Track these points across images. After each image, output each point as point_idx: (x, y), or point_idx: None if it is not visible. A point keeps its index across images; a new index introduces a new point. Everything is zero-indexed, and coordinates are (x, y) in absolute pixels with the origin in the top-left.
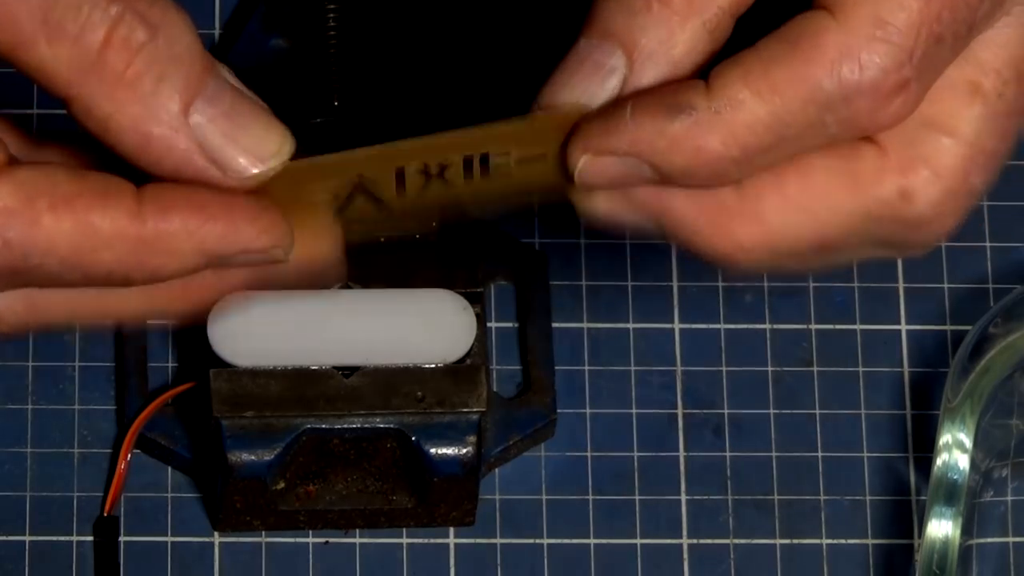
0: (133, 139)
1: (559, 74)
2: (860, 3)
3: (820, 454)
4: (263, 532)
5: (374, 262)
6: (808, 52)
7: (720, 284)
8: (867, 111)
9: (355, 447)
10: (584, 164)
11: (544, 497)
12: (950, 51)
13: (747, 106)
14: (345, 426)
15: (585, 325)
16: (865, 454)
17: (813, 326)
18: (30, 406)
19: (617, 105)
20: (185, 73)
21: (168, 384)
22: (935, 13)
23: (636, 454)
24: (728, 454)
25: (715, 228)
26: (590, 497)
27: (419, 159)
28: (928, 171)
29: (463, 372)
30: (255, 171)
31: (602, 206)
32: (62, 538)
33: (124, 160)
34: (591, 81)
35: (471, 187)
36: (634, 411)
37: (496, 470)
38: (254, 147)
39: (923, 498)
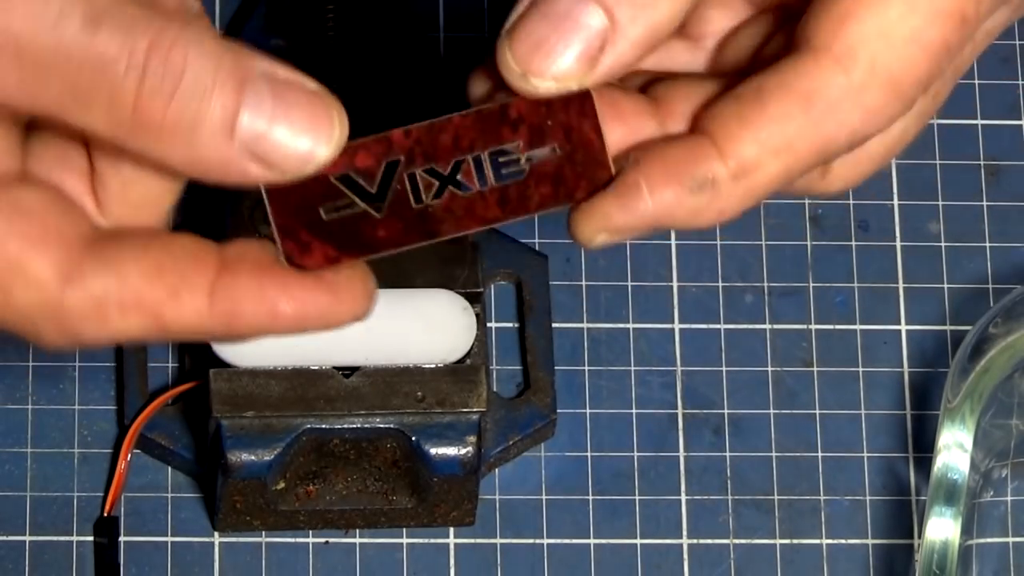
0: (191, 171)
1: (533, 28)
2: (858, 48)
3: (820, 454)
4: (263, 532)
5: (374, 262)
6: (821, 111)
7: (720, 284)
8: (867, 138)
9: (355, 447)
10: (600, 241)
11: (544, 497)
12: (952, 73)
13: (765, 168)
14: (345, 426)
15: (585, 325)
16: (865, 454)
17: (813, 326)
18: (30, 406)
19: (628, 180)
20: (221, 97)
21: (168, 384)
22: (936, 55)
23: (636, 454)
24: (728, 454)
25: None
26: (590, 497)
27: (418, 155)
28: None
29: (463, 372)
30: (315, 161)
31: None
32: (62, 538)
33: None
34: (573, 47)
35: (489, 200)
36: (634, 411)
37: (496, 470)
38: (307, 139)
39: (923, 498)
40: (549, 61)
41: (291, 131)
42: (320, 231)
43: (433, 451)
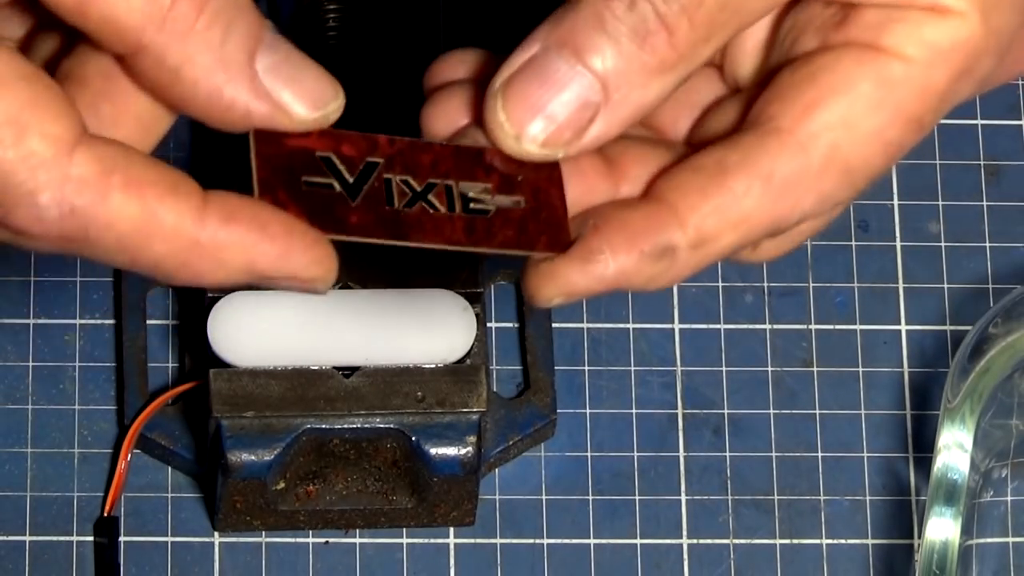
0: (204, 88)
1: (528, 91)
2: (821, 135)
3: (820, 454)
4: (263, 532)
5: (374, 262)
6: (779, 190)
7: (720, 284)
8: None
9: (355, 447)
10: (557, 302)
11: (544, 497)
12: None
13: (722, 240)
14: (345, 426)
15: (585, 325)
16: (865, 454)
17: (813, 326)
18: (30, 406)
19: (591, 245)
20: (248, 23)
21: (168, 384)
22: (892, 154)
23: (636, 454)
24: (728, 454)
25: None
26: (590, 497)
27: (398, 165)
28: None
29: (463, 372)
30: (317, 114)
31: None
32: (62, 538)
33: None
34: (568, 116)
35: (456, 225)
36: (634, 411)
37: (496, 470)
38: (313, 92)
39: (923, 498)
40: (542, 127)
41: (303, 78)
42: (297, 196)
43: (433, 451)
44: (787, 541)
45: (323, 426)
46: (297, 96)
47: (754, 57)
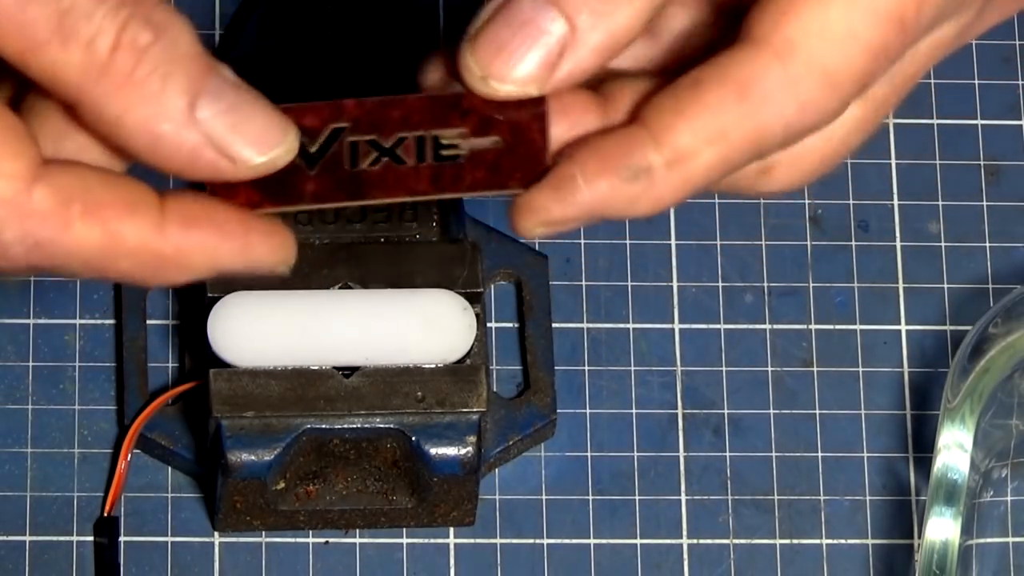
0: (144, 138)
1: (496, 33)
2: (796, 41)
3: (820, 454)
4: (263, 532)
5: (374, 262)
6: (756, 101)
7: (720, 284)
8: (803, 134)
9: (355, 447)
10: (540, 232)
11: (544, 497)
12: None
13: (700, 156)
14: (345, 426)
15: (585, 325)
16: (865, 454)
17: (813, 326)
18: (30, 406)
19: (564, 172)
20: (188, 72)
21: (168, 384)
22: (874, 54)
23: (636, 454)
24: (728, 454)
25: None
26: (590, 497)
27: (365, 125)
28: None
29: (463, 372)
30: (263, 159)
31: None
32: (62, 538)
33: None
34: (533, 52)
35: (422, 175)
36: (634, 411)
37: (496, 470)
38: (260, 137)
39: (923, 498)
40: (510, 66)
41: (248, 124)
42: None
43: (433, 451)
44: (787, 541)
45: (323, 426)
46: (241, 144)
47: None
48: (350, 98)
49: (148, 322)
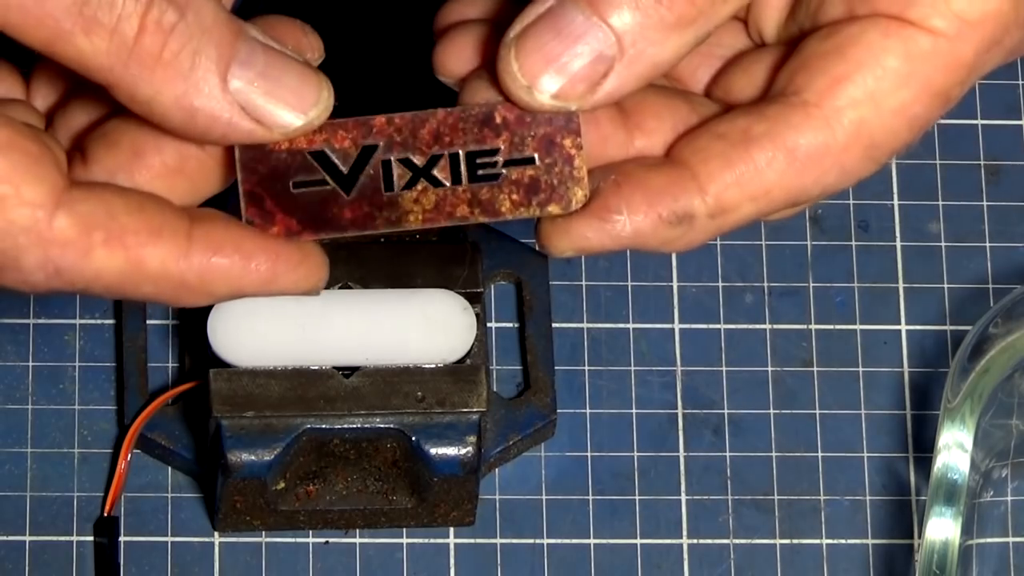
0: (179, 115)
1: (543, 42)
2: (847, 110)
3: (820, 454)
4: (263, 532)
5: (374, 262)
6: (803, 165)
7: (720, 284)
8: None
9: (355, 447)
10: (570, 254)
11: (544, 497)
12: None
13: (741, 211)
14: (345, 426)
15: (585, 325)
16: (865, 454)
17: (813, 326)
18: (30, 406)
19: (609, 203)
20: (217, 43)
21: (168, 384)
22: (918, 130)
23: (636, 454)
24: (728, 454)
25: None
26: (590, 497)
27: (397, 143)
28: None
29: (463, 372)
30: (300, 123)
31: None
32: (62, 538)
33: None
34: (581, 68)
35: (460, 198)
36: (634, 411)
37: (496, 470)
38: (294, 100)
39: (923, 498)
40: (555, 79)
41: (282, 88)
42: (286, 203)
43: (433, 451)
44: (787, 541)
45: (323, 426)
46: (276, 109)
47: (780, 12)
48: (379, 115)
49: (148, 322)
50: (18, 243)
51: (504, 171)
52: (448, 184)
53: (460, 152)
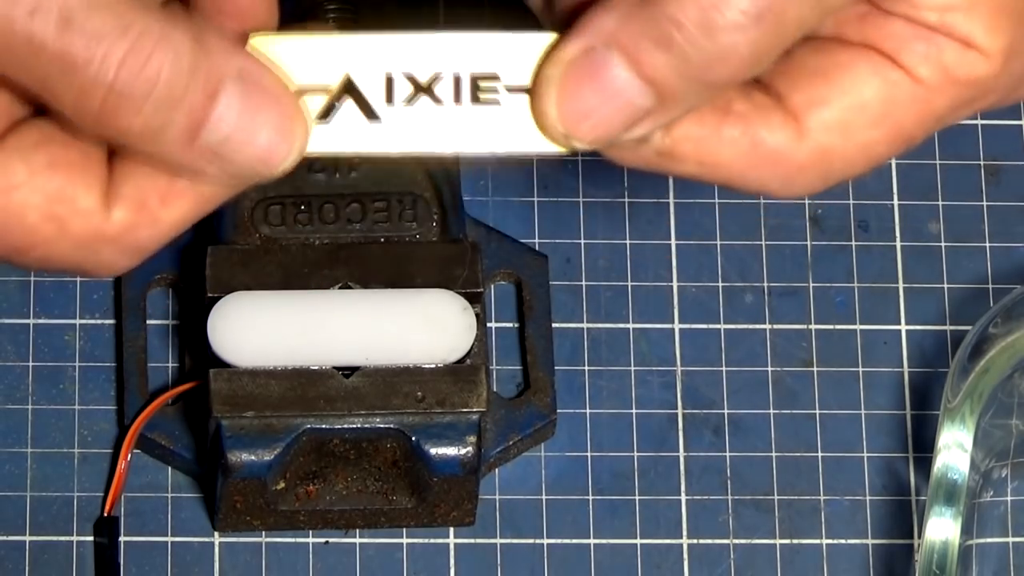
0: (151, 163)
1: (582, 95)
2: (817, 133)
3: (820, 454)
4: (263, 532)
5: (374, 262)
6: (759, 159)
7: (720, 284)
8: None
9: (355, 447)
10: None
11: (544, 497)
12: None
13: (685, 167)
14: (345, 426)
15: (585, 325)
16: (865, 454)
17: (813, 326)
18: (30, 406)
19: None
20: (191, 106)
21: (168, 384)
22: (874, 166)
23: (636, 454)
24: (728, 454)
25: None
26: (590, 497)
27: (407, 60)
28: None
29: (463, 372)
30: (283, 164)
31: (626, 161)
32: (62, 538)
33: None
34: (619, 122)
35: (458, 116)
36: (634, 411)
37: (496, 470)
38: (273, 143)
39: (923, 498)
40: (592, 131)
41: (254, 138)
42: None
43: (433, 451)
44: (787, 541)
45: (323, 426)
46: (246, 160)
47: None
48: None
49: (148, 322)
50: (92, 249)
51: (504, 99)
52: (450, 103)
53: (461, 76)
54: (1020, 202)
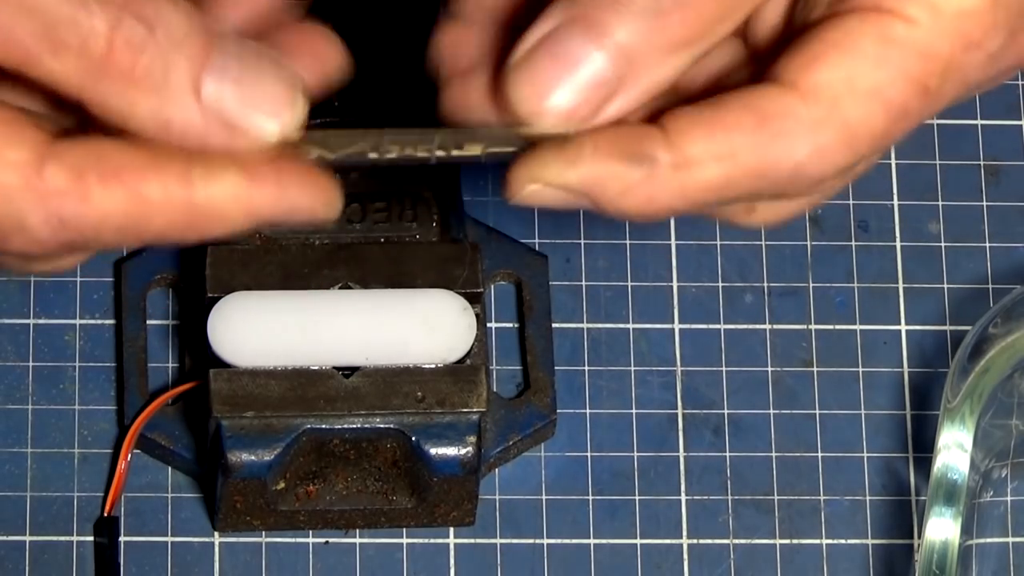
0: (154, 127)
1: (544, 72)
2: (822, 88)
3: (820, 454)
4: (263, 532)
5: (374, 262)
6: (773, 133)
7: (720, 284)
8: (811, 185)
9: (355, 447)
10: (530, 192)
11: (544, 497)
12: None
13: (704, 169)
14: (345, 426)
15: (585, 325)
16: (865, 454)
17: (813, 326)
18: (30, 406)
19: (573, 141)
20: (188, 55)
21: (168, 384)
22: (895, 116)
23: (636, 454)
24: (728, 454)
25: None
26: (590, 497)
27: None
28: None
29: (463, 372)
30: (276, 128)
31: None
32: (62, 538)
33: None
34: (582, 94)
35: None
36: (634, 411)
37: (496, 470)
38: (270, 103)
39: (923, 498)
40: (557, 105)
41: (257, 93)
42: None
43: (433, 451)
44: (787, 541)
45: (323, 426)
46: (250, 115)
47: (774, 23)
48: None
49: (148, 322)
50: (15, 205)
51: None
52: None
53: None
54: (1020, 202)
